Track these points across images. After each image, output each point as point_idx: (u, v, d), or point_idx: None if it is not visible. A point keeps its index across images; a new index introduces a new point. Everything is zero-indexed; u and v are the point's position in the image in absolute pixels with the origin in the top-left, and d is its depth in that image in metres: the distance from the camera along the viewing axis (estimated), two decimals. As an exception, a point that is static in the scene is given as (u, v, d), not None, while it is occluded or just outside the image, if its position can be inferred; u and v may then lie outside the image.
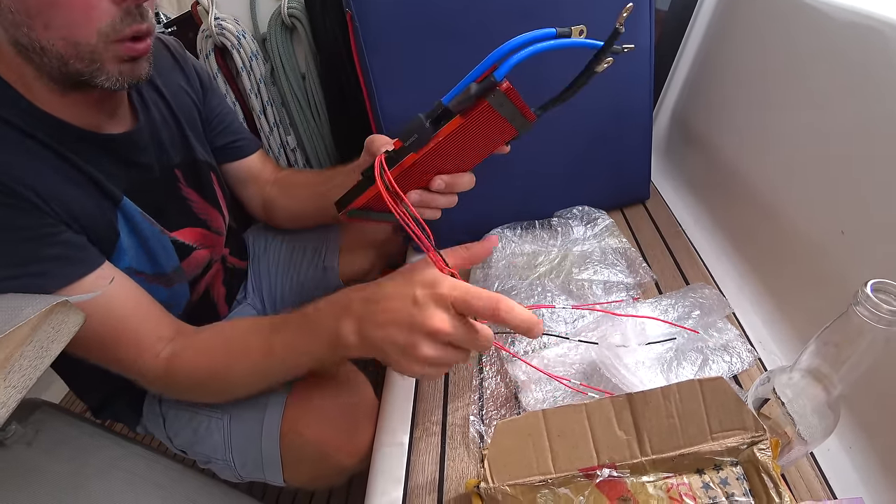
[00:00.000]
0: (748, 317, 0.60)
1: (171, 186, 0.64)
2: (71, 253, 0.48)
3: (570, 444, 0.41)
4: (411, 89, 0.68)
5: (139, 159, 0.58)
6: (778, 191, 0.64)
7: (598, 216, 0.76)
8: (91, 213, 0.51)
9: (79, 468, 0.66)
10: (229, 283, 0.78)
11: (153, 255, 0.59)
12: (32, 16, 0.43)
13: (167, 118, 0.64)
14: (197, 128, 0.69)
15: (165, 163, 0.62)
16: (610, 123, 0.74)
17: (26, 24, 0.43)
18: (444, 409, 0.57)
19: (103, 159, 0.54)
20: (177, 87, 0.67)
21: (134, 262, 0.57)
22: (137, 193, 0.57)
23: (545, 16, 0.66)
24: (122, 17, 0.45)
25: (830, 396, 0.37)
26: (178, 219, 0.64)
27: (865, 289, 0.30)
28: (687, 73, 0.92)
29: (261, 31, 0.94)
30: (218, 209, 0.71)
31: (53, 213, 0.47)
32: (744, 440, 0.38)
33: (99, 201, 0.52)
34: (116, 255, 0.54)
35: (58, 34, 0.44)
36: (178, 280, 0.64)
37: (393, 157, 0.43)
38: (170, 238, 0.61)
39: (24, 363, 0.38)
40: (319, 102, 0.97)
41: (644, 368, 0.53)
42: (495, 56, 0.38)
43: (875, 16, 0.49)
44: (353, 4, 0.63)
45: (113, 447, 0.72)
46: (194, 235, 0.66)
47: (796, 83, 0.62)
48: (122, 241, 0.55)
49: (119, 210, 0.54)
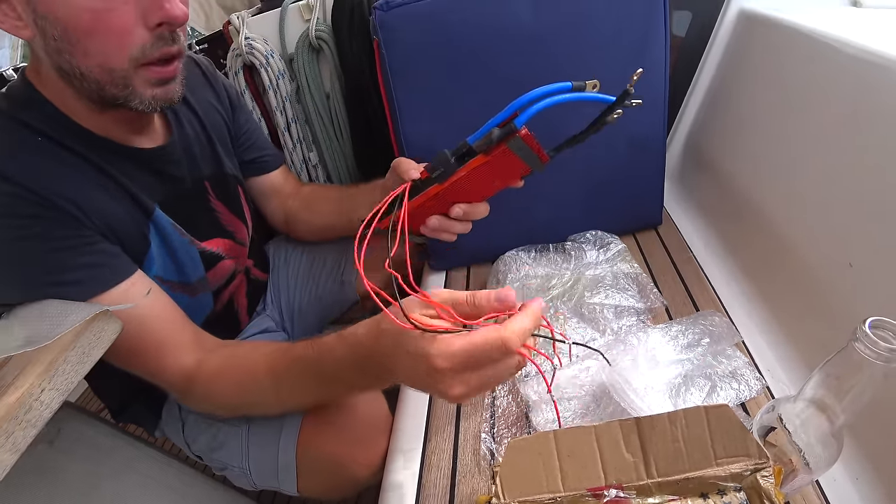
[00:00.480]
0: (757, 344, 0.61)
1: (201, 198, 0.67)
2: (107, 261, 0.51)
3: (579, 465, 0.42)
4: (433, 115, 0.71)
5: (172, 172, 0.61)
6: (788, 220, 0.65)
7: (611, 241, 0.78)
8: (125, 224, 0.54)
9: (95, 468, 0.68)
10: (251, 294, 0.81)
11: (181, 264, 0.62)
12: (73, 43, 0.46)
13: (199, 133, 0.67)
14: (226, 143, 0.73)
15: (197, 175, 0.66)
16: (624, 150, 0.76)
17: (68, 52, 0.47)
18: (456, 426, 0.58)
19: (138, 172, 0.57)
20: (207, 103, 0.70)
21: (161, 270, 0.60)
22: (170, 205, 0.60)
23: (561, 53, 0.69)
24: (154, 41, 0.48)
25: (834, 426, 0.38)
26: (207, 230, 0.67)
27: (864, 326, 0.31)
28: (702, 100, 0.94)
29: (288, 51, 0.98)
30: (243, 221, 0.74)
31: (92, 224, 0.50)
32: (747, 466, 0.39)
33: (133, 213, 0.56)
34: (146, 264, 0.57)
35: (94, 61, 0.47)
36: (202, 290, 0.67)
37: (419, 185, 0.46)
38: (198, 249, 0.64)
39: (66, 367, 0.40)
40: (342, 121, 1.00)
41: (653, 393, 0.54)
42: (516, 105, 0.42)
43: (886, 54, 0.51)
44: (380, 32, 0.67)
45: (129, 449, 0.74)
46: (221, 246, 0.69)
47: (810, 115, 0.63)
48: (152, 250, 0.58)
49: (151, 221, 0.58)
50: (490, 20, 0.67)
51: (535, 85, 0.73)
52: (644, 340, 0.60)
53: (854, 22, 0.69)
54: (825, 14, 0.73)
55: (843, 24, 0.65)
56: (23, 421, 0.36)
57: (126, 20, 0.46)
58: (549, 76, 0.69)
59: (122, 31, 0.46)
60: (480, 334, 0.36)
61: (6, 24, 0.46)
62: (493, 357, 0.36)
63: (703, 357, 0.58)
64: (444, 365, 0.36)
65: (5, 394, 0.37)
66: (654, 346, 0.59)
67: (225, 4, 1.45)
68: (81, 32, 0.46)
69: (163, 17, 0.46)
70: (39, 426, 0.37)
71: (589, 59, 0.70)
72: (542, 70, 0.70)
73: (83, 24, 0.45)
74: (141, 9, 0.46)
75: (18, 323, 0.42)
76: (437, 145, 0.72)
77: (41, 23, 0.45)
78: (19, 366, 0.39)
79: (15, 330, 0.41)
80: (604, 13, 0.68)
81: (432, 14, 0.66)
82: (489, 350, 0.36)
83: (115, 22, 0.45)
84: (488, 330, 0.36)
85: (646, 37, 0.70)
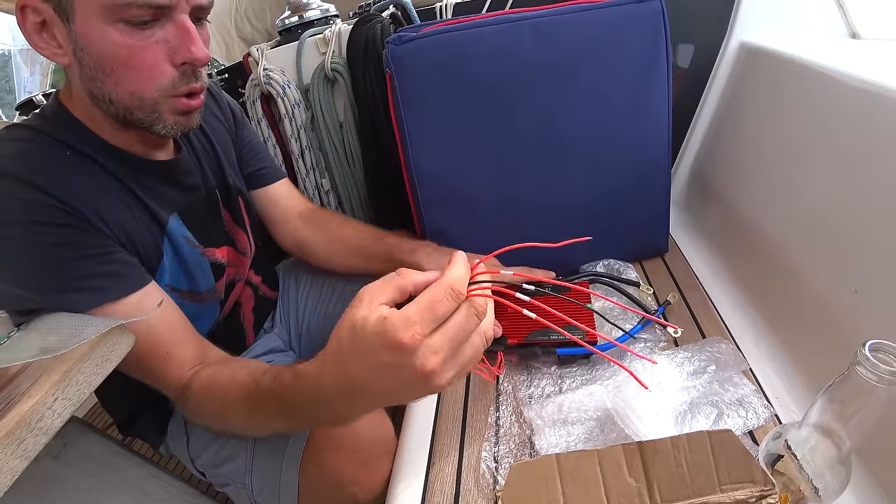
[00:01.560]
0: (764, 372, 0.60)
1: (213, 206, 0.70)
2: (125, 271, 0.54)
3: (581, 489, 0.42)
4: (443, 144, 0.74)
5: (188, 181, 0.66)
6: (793, 248, 0.66)
7: (624, 269, 0.79)
8: (142, 235, 0.58)
9: (99, 485, 0.68)
10: (259, 310, 0.82)
11: (191, 274, 0.65)
12: (107, 74, 0.51)
13: (206, 146, 0.72)
14: (230, 155, 0.77)
15: (209, 184, 0.70)
16: (630, 181, 0.77)
17: (100, 80, 0.51)
18: (460, 450, 0.58)
19: (157, 184, 0.61)
20: (213, 118, 0.75)
21: (173, 280, 0.63)
22: (188, 213, 0.64)
23: (566, 85, 0.72)
24: (180, 76, 0.53)
25: (841, 452, 0.37)
26: (218, 237, 0.70)
27: (864, 349, 0.32)
28: (706, 130, 0.96)
29: (304, 81, 1.02)
30: (244, 230, 0.77)
31: (113, 234, 0.54)
32: (752, 493, 0.38)
33: (149, 225, 0.59)
34: (159, 274, 0.60)
35: (125, 90, 0.52)
36: (210, 299, 0.69)
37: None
38: (209, 260, 0.67)
39: (80, 378, 0.42)
40: (355, 149, 1.03)
41: (658, 420, 0.54)
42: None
43: (885, 85, 0.52)
44: (392, 65, 0.70)
45: (134, 468, 0.74)
46: (226, 254, 0.72)
47: (812, 145, 0.64)
48: (164, 261, 0.61)
49: (165, 234, 0.61)
50: (497, 54, 0.70)
51: (539, 114, 0.76)
52: (650, 367, 0.60)
53: (853, 54, 0.71)
54: (825, 46, 0.75)
55: (843, 56, 0.67)
56: (35, 429, 0.37)
57: (156, 57, 0.51)
58: (554, 108, 0.72)
59: (151, 67, 0.51)
60: (430, 290, 0.35)
61: (47, 51, 0.51)
62: (449, 305, 0.35)
63: (709, 384, 0.58)
64: (408, 335, 0.34)
65: (20, 402, 0.38)
66: (659, 372, 0.59)
67: (245, 37, 1.52)
68: (117, 65, 0.50)
69: (187, 58, 0.52)
70: (50, 434, 0.38)
71: (594, 90, 0.72)
72: (548, 101, 0.72)
73: (120, 59, 0.50)
74: (169, 49, 0.51)
75: (36, 334, 0.44)
76: (447, 172, 0.74)
77: (79, 54, 0.50)
78: (34, 375, 0.40)
79: (33, 340, 0.42)
80: (607, 47, 0.70)
81: (442, 48, 0.69)
82: (442, 298, 0.35)
83: (146, 58, 0.50)
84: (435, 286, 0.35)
85: (648, 70, 0.72)
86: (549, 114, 0.73)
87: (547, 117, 0.73)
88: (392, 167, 0.96)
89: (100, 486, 0.68)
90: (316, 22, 1.04)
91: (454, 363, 0.36)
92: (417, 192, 0.77)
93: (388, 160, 0.96)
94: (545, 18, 0.69)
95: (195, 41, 0.51)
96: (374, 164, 1.01)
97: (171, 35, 0.51)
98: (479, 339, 0.37)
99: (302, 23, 1.03)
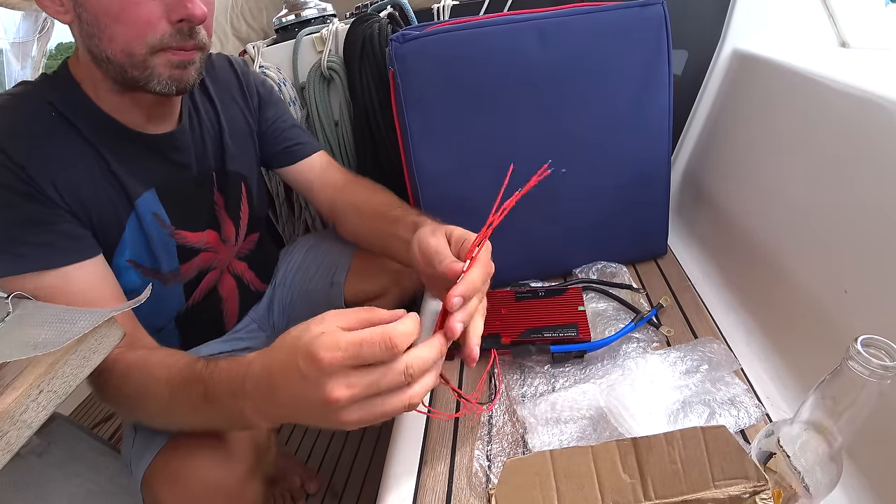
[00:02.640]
0: (755, 372, 0.61)
1: (205, 188, 0.70)
2: (61, 243, 0.54)
3: (575, 485, 0.41)
4: (445, 143, 0.74)
5: (177, 158, 0.65)
6: (784, 250, 0.66)
7: (617, 272, 0.79)
8: (102, 207, 0.58)
9: (84, 484, 0.67)
10: (244, 302, 0.82)
11: (154, 253, 0.64)
12: (101, 29, 0.52)
13: (213, 125, 0.71)
14: (240, 140, 0.75)
15: (205, 165, 0.69)
16: (631, 182, 0.78)
17: (97, 36, 0.52)
18: (452, 449, 0.58)
19: (142, 156, 0.61)
20: (230, 99, 0.74)
21: (135, 255, 0.63)
22: (168, 189, 0.64)
23: (569, 87, 0.72)
24: (174, 33, 0.53)
25: (832, 449, 0.37)
26: (203, 220, 0.70)
27: (856, 344, 0.32)
28: (698, 135, 0.97)
29: (300, 80, 1.02)
30: (234, 220, 0.75)
31: (65, 204, 0.54)
32: (746, 489, 0.38)
33: (115, 197, 0.59)
34: (119, 248, 0.61)
35: (118, 47, 0.52)
36: (174, 281, 0.68)
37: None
38: (176, 242, 0.66)
39: (66, 370, 0.41)
40: (350, 148, 1.03)
41: (651, 418, 0.54)
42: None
43: (872, 92, 0.53)
44: (396, 64, 0.70)
45: (120, 467, 0.73)
46: (208, 237, 0.71)
47: (802, 150, 0.65)
48: (125, 236, 0.61)
49: (133, 209, 0.61)
50: (502, 55, 0.70)
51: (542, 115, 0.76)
52: (642, 366, 0.60)
53: (843, 62, 0.72)
54: (815, 54, 0.76)
55: (833, 63, 0.68)
56: (18, 421, 0.36)
57: (151, 12, 0.51)
58: (556, 107, 0.72)
59: (146, 22, 0.52)
60: (368, 330, 0.36)
61: (51, 9, 0.52)
62: (378, 352, 0.35)
63: (701, 383, 0.58)
64: (328, 354, 0.35)
65: (3, 394, 0.37)
66: (652, 371, 0.59)
67: (241, 36, 1.51)
68: (110, 19, 0.51)
69: (184, 14, 0.52)
70: (34, 428, 0.38)
71: (596, 92, 0.73)
72: (551, 102, 0.73)
73: (112, 12, 0.50)
74: (165, 5, 0.52)
75: (25, 327, 0.43)
76: (449, 172, 0.74)
77: (78, 10, 0.51)
78: (20, 366, 0.39)
79: (22, 334, 0.41)
80: (611, 49, 0.71)
81: (446, 46, 0.69)
82: (374, 342, 0.35)
83: (141, 13, 0.51)
84: (375, 328, 0.36)
85: (651, 73, 0.73)
86: (552, 115, 0.73)
87: (550, 119, 0.73)
88: (387, 165, 0.96)
89: (84, 486, 0.67)
90: (313, 21, 1.05)
91: (364, 408, 0.37)
92: (419, 191, 0.77)
93: (383, 158, 0.96)
94: (550, 20, 0.69)
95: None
96: (368, 163, 1.01)
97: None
98: (398, 401, 0.38)
99: (299, 21, 1.04)
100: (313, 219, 1.13)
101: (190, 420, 0.51)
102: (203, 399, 0.45)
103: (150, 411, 0.53)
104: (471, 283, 0.45)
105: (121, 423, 1.47)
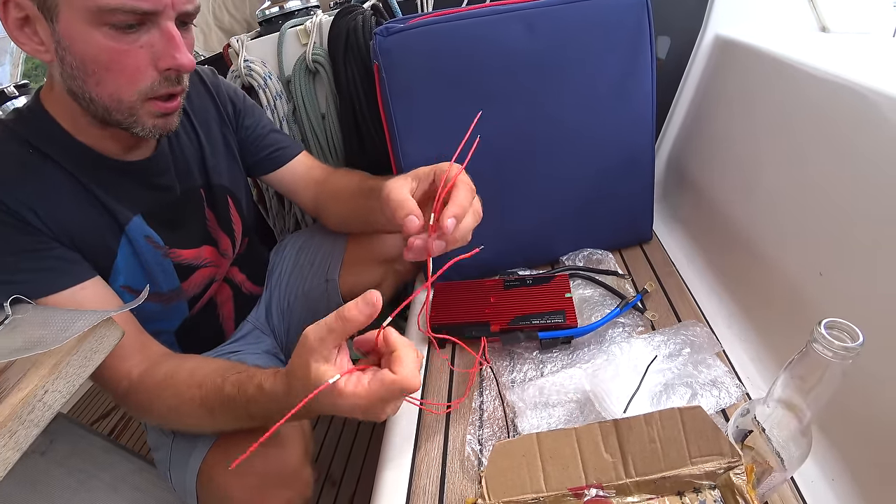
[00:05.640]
0: (736, 353, 0.63)
1: (194, 205, 0.70)
2: (60, 266, 0.54)
3: (560, 466, 0.44)
4: (431, 135, 0.75)
5: (159, 181, 0.65)
6: (763, 234, 0.68)
7: (603, 258, 0.81)
8: (90, 236, 0.58)
9: (87, 480, 0.69)
10: (240, 306, 0.83)
11: (152, 276, 0.64)
12: (89, 73, 0.51)
13: (193, 142, 0.70)
14: (223, 153, 0.75)
15: (189, 184, 0.69)
16: (617, 168, 0.79)
17: (81, 79, 0.51)
18: (445, 434, 0.60)
19: (124, 184, 0.61)
20: (205, 115, 0.73)
21: (129, 280, 0.62)
22: (156, 213, 0.64)
23: (554, 75, 0.73)
24: (162, 80, 0.53)
25: (802, 423, 0.40)
26: (196, 237, 0.70)
27: (820, 328, 0.34)
28: (682, 121, 0.98)
29: (286, 73, 1.02)
30: (229, 233, 0.76)
31: (50, 231, 0.54)
32: (721, 465, 0.41)
33: (103, 226, 0.59)
34: (112, 275, 0.61)
35: (105, 91, 0.52)
36: (177, 299, 0.69)
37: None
38: (173, 262, 0.66)
39: (69, 370, 0.42)
40: (337, 140, 1.03)
41: (635, 401, 0.56)
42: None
43: (850, 78, 0.55)
44: (380, 57, 0.70)
45: (122, 462, 0.75)
46: (205, 253, 0.71)
47: (781, 135, 0.67)
48: (118, 262, 0.61)
49: (123, 234, 0.61)
50: (486, 45, 0.70)
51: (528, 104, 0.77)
52: (627, 350, 0.62)
53: (822, 47, 0.74)
54: (796, 39, 0.77)
55: (812, 49, 0.69)
56: (26, 420, 0.38)
57: (139, 62, 0.51)
58: (542, 97, 0.73)
59: (134, 71, 0.51)
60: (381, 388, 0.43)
61: (28, 47, 0.50)
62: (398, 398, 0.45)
63: (684, 366, 0.60)
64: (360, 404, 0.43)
65: (10, 394, 0.38)
66: (636, 356, 0.61)
67: (224, 27, 1.50)
68: (99, 67, 0.50)
69: (172, 64, 0.52)
70: (42, 426, 0.39)
71: (581, 80, 0.73)
72: (537, 91, 0.73)
73: (101, 61, 0.50)
74: (153, 54, 0.51)
75: (25, 327, 0.44)
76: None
77: (62, 53, 0.50)
78: (23, 368, 0.41)
79: (22, 334, 0.43)
80: (594, 37, 0.72)
81: (430, 39, 0.70)
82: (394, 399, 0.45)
83: (129, 62, 0.51)
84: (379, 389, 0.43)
85: (634, 59, 0.73)
86: (537, 104, 0.74)
87: (536, 108, 0.74)
88: (374, 157, 0.97)
89: (88, 482, 0.68)
90: (297, 13, 1.04)
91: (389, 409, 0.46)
92: (405, 182, 0.78)
93: (370, 151, 0.96)
94: (534, 10, 0.70)
95: (179, 48, 0.51)
96: (356, 155, 1.01)
97: (156, 40, 0.51)
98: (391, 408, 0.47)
99: (282, 13, 1.03)
100: (303, 212, 1.13)
101: (235, 428, 0.55)
102: (248, 417, 0.51)
103: (189, 426, 0.58)
104: (459, 205, 0.50)
105: (120, 419, 1.49)
